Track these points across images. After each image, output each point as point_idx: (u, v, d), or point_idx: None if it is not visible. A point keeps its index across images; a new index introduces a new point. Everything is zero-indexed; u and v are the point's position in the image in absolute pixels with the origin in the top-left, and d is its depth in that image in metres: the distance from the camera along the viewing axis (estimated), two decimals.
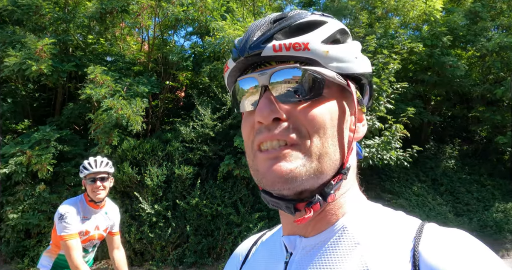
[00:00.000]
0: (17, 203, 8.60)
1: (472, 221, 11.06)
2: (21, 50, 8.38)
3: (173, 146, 9.41)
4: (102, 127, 8.48)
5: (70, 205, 2.90)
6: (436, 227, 0.61)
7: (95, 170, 2.92)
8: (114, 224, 3.18)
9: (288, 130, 0.59)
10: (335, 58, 0.63)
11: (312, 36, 0.61)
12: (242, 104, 0.66)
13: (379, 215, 0.65)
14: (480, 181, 12.49)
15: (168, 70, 11.22)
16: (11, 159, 8.40)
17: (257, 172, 0.62)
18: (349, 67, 0.65)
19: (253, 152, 0.64)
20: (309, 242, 0.65)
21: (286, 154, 0.59)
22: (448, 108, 14.08)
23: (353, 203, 0.67)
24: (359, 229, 0.62)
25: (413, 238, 0.58)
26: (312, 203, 0.60)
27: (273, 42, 0.60)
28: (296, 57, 0.61)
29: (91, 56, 10.67)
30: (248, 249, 0.81)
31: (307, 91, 0.60)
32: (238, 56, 0.63)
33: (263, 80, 0.61)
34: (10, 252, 8.70)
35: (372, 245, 0.59)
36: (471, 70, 12.60)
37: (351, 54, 0.66)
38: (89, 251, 3.08)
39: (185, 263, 8.61)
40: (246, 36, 0.63)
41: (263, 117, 0.59)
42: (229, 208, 8.99)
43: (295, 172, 0.57)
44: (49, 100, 11.44)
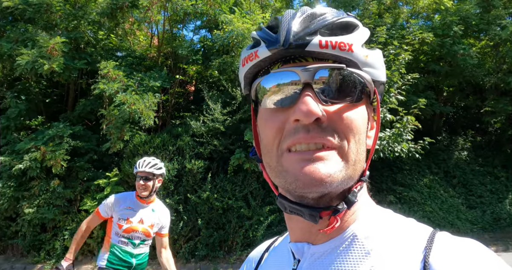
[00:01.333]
0: (33, 198, 8.78)
1: (485, 213, 10.93)
2: (33, 48, 8.48)
3: (183, 141, 9.47)
4: (114, 122, 8.57)
5: (117, 196, 3.29)
6: (448, 236, 0.59)
7: (139, 169, 3.16)
8: (163, 226, 3.37)
9: (327, 132, 0.56)
10: (371, 63, 0.62)
11: (355, 38, 0.60)
12: (269, 99, 0.61)
13: (390, 222, 0.63)
14: (493, 173, 12.31)
15: (178, 64, 11.25)
16: (26, 155, 8.56)
17: (286, 173, 0.58)
18: (378, 74, 0.65)
19: (280, 152, 0.60)
20: (317, 249, 0.63)
21: (325, 157, 0.56)
22: (461, 99, 13.86)
23: (364, 209, 0.65)
24: (369, 238, 0.60)
25: (424, 248, 0.56)
26: (339, 211, 0.58)
27: (318, 37, 0.57)
28: (338, 56, 0.58)
29: (102, 52, 10.75)
30: (260, 255, 0.80)
31: (348, 94, 0.58)
32: (276, 46, 0.58)
33: (306, 77, 0.57)
34: (27, 245, 8.90)
35: (382, 255, 0.57)
36: (484, 60, 12.36)
37: (381, 61, 0.66)
38: (136, 244, 3.19)
39: (197, 256, 8.72)
40: (284, 27, 0.59)
41: (306, 116, 0.55)
42: (240, 202, 9.04)
43: (334, 176, 0.55)
44: (61, 96, 11.59)
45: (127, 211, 3.18)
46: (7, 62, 9.53)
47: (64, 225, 8.94)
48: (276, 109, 0.61)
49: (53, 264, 8.53)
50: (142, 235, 3.19)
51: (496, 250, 9.42)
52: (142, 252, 3.24)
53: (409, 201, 10.44)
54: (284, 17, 0.61)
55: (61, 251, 8.66)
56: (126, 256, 3.14)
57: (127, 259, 3.14)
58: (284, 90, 0.59)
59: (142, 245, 3.23)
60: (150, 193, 3.20)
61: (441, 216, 10.34)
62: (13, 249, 9.15)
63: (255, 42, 0.64)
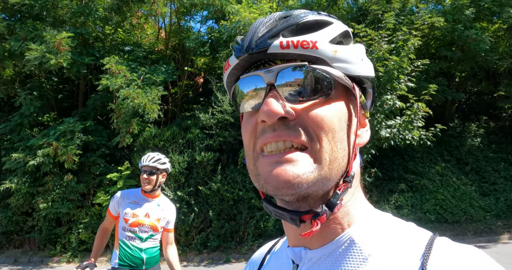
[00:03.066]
0: (47, 193, 8.94)
1: (499, 200, 10.78)
2: (41, 44, 8.56)
3: (193, 133, 9.51)
4: (122, 116, 8.64)
5: (123, 191, 3.36)
6: (447, 242, 0.57)
7: (143, 164, 3.24)
8: (169, 221, 3.37)
9: (295, 131, 0.56)
10: (342, 59, 0.60)
11: (320, 35, 0.59)
12: (243, 104, 0.62)
13: (388, 227, 0.61)
14: (507, 159, 12.10)
15: (186, 56, 11.24)
16: (38, 151, 8.70)
17: (259, 177, 0.58)
18: (355, 69, 0.62)
19: (255, 155, 0.60)
20: (314, 254, 0.62)
21: (293, 158, 0.55)
22: (473, 85, 13.60)
23: (360, 212, 0.63)
24: (367, 243, 0.59)
25: (422, 254, 0.54)
26: (319, 215, 0.57)
27: (280, 39, 0.57)
28: (303, 55, 0.58)
29: (110, 47, 10.80)
30: (262, 257, 0.80)
31: (315, 91, 0.57)
32: (241, 53, 0.59)
33: (269, 78, 0.57)
34: (43, 239, 9.11)
35: (380, 261, 0.56)
36: (498, 43, 12.06)
37: (357, 55, 0.63)
38: (143, 239, 3.22)
39: (209, 247, 8.81)
40: (250, 33, 0.60)
41: (268, 116, 0.55)
42: (251, 193, 9.08)
43: (302, 177, 0.54)
44: (72, 92, 11.72)
45: (132, 205, 3.23)
46: (17, 60, 9.64)
47: (78, 219, 9.10)
48: (250, 113, 0.62)
49: (69, 257, 8.72)
50: (149, 229, 3.22)
51: (509, 238, 9.32)
52: (151, 246, 3.27)
53: (421, 189, 10.35)
54: (254, 24, 0.62)
55: (76, 245, 8.85)
56: (135, 251, 3.16)
57: (137, 255, 3.16)
58: (252, 95, 0.60)
59: (150, 239, 3.25)
60: (154, 187, 3.24)
61: (453, 204, 10.23)
62: (30, 243, 9.38)
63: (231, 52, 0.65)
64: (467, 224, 9.95)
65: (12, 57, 9.43)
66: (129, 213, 3.18)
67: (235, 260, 8.52)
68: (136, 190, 3.36)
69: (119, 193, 3.32)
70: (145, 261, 3.20)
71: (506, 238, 9.28)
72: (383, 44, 8.02)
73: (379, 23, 9.23)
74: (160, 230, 3.29)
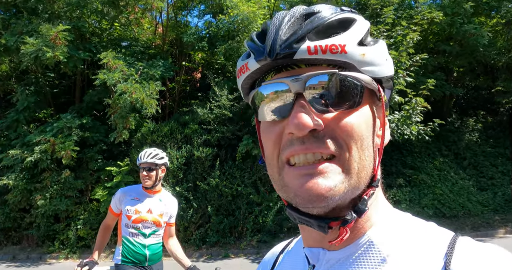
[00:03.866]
0: (45, 190, 8.90)
1: (497, 195, 10.83)
2: (37, 38, 8.47)
3: (191, 128, 9.47)
4: (119, 111, 8.59)
5: (124, 188, 3.37)
6: (470, 242, 0.55)
7: (142, 161, 3.23)
8: (172, 215, 3.39)
9: (324, 142, 0.54)
10: (370, 62, 0.58)
11: (348, 37, 0.56)
12: (263, 111, 0.59)
13: (408, 227, 0.60)
14: (505, 154, 12.14)
15: (183, 51, 11.17)
16: (36, 147, 8.64)
17: (287, 188, 0.56)
18: (381, 71, 0.60)
19: (281, 165, 0.58)
20: (333, 256, 0.60)
21: (324, 170, 0.53)
22: (471, 80, 13.62)
23: (380, 213, 0.62)
24: (386, 244, 0.57)
25: (445, 254, 0.53)
26: (348, 222, 0.56)
27: (307, 43, 0.54)
28: (331, 60, 0.55)
29: (107, 42, 10.70)
30: (275, 257, 0.78)
31: (344, 99, 0.55)
32: (264, 58, 0.56)
33: (297, 88, 0.54)
34: (41, 236, 9.09)
35: (399, 262, 0.54)
36: (496, 38, 12.05)
37: (382, 55, 0.61)
38: (146, 235, 3.22)
39: (208, 243, 8.82)
40: (272, 33, 0.56)
41: (299, 129, 0.53)
42: (249, 188, 9.07)
43: (335, 190, 0.53)
44: (69, 88, 11.63)
45: (134, 202, 3.23)
46: (13, 55, 9.55)
47: (76, 215, 9.08)
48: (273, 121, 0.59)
49: (67, 254, 8.70)
50: (152, 225, 3.22)
51: (506, 232, 9.38)
52: (154, 242, 3.27)
53: (419, 184, 10.38)
54: (273, 22, 0.58)
55: (74, 241, 8.83)
56: (138, 248, 3.16)
57: (140, 251, 3.16)
58: (278, 102, 0.57)
59: (154, 235, 3.25)
60: (155, 183, 3.25)
61: (451, 198, 10.27)
62: (28, 240, 9.35)
63: (248, 53, 0.62)
64: (465, 219, 10.00)
65: (7, 52, 9.33)
66: (131, 210, 3.18)
67: (234, 255, 8.53)
68: (137, 186, 3.36)
69: (120, 190, 3.33)
70: (148, 257, 3.20)
71: (502, 232, 9.35)
72: (382, 39, 7.99)
73: (378, 18, 9.19)
74: (163, 225, 3.30)
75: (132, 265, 3.16)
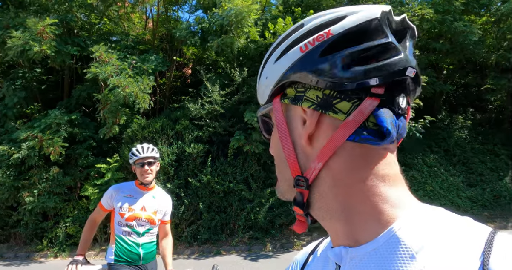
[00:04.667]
0: (32, 187, 8.74)
1: (485, 191, 10.97)
2: (23, 32, 8.28)
3: (182, 124, 9.38)
4: (109, 106, 8.45)
5: (117, 185, 3.29)
6: (510, 239, 0.51)
7: (143, 155, 3.15)
8: (166, 213, 3.33)
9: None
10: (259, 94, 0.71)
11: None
12: None
13: (439, 222, 0.55)
14: (493, 150, 12.31)
15: (174, 46, 11.05)
16: (23, 143, 8.47)
17: None
18: (263, 96, 0.68)
19: None
20: (356, 252, 0.57)
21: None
22: (461, 77, 13.73)
23: (405, 207, 0.57)
24: (414, 239, 0.53)
25: (482, 252, 0.48)
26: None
27: None
28: None
29: (96, 37, 10.53)
30: (306, 257, 0.76)
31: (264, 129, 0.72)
32: None
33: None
34: (29, 234, 8.92)
35: (431, 259, 0.50)
36: (485, 36, 12.16)
37: (262, 85, 0.68)
38: (140, 233, 3.15)
39: (199, 240, 8.76)
40: None
41: None
42: (241, 185, 9.04)
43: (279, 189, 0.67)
44: (56, 83, 11.41)
45: (128, 199, 3.14)
46: None
47: (65, 212, 8.94)
48: None
49: (56, 252, 8.57)
50: (146, 223, 3.15)
51: (495, 227, 9.50)
52: (148, 241, 3.20)
53: (410, 180, 10.46)
54: None
55: (63, 239, 8.69)
56: (131, 247, 3.09)
57: (134, 250, 3.08)
58: None
59: (148, 233, 3.17)
60: (154, 178, 3.23)
61: (441, 194, 10.38)
62: (16, 238, 9.18)
63: None
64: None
65: None
66: (124, 207, 3.11)
67: (225, 252, 8.49)
68: (130, 183, 3.27)
69: (113, 187, 3.24)
70: (142, 256, 3.14)
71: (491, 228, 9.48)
72: None
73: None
74: (157, 223, 3.23)
75: (125, 264, 3.08)
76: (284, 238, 9.01)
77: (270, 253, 8.32)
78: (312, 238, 8.96)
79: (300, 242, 8.78)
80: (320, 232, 9.13)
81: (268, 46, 9.53)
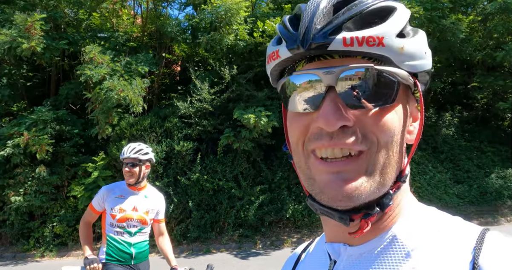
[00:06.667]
0: (18, 186, 8.59)
1: (472, 188, 11.14)
2: (10, 28, 8.11)
3: (171, 122, 9.32)
4: (100, 107, 8.35)
5: (107, 186, 3.23)
6: (500, 236, 0.53)
7: (124, 156, 3.10)
8: (159, 212, 3.28)
9: (353, 138, 0.52)
10: (408, 55, 0.54)
11: (387, 28, 0.52)
12: (294, 101, 0.56)
13: (434, 221, 0.58)
14: (480, 147, 12.50)
15: (163, 42, 10.94)
16: (8, 141, 8.31)
17: (313, 182, 0.56)
18: (419, 65, 0.57)
19: (306, 153, 0.57)
20: (354, 251, 0.59)
21: (351, 168, 0.53)
22: (448, 75, 13.89)
23: (404, 207, 0.60)
24: (411, 238, 0.56)
25: (473, 248, 0.51)
26: (370, 215, 0.54)
27: (342, 34, 0.51)
28: (366, 52, 0.52)
29: (84, 33, 10.36)
30: (298, 255, 0.77)
31: (380, 95, 0.52)
32: (297, 47, 0.53)
33: (329, 80, 0.52)
34: (15, 234, 8.77)
35: (425, 256, 0.53)
36: (472, 35, 12.32)
37: (422, 48, 0.57)
38: (132, 233, 3.10)
39: (189, 238, 8.73)
40: (306, 22, 0.53)
41: (328, 125, 0.51)
42: (231, 182, 9.02)
43: (361, 189, 0.52)
44: (43, 80, 11.22)
45: (119, 200, 3.09)
46: None
47: (52, 212, 8.81)
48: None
49: (43, 252, 8.45)
50: (138, 223, 3.11)
51: (479, 223, 9.67)
52: (140, 240, 3.16)
53: None
54: (307, 7, 0.55)
55: (50, 239, 8.57)
56: (123, 246, 3.05)
57: (126, 250, 3.05)
58: (304, 91, 0.55)
59: (139, 233, 3.13)
60: (138, 180, 3.10)
61: (429, 191, 10.51)
62: (1, 238, 9.02)
63: (278, 38, 0.60)
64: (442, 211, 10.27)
65: None
66: (116, 209, 3.06)
67: (215, 250, 8.48)
68: (121, 183, 3.22)
69: (103, 188, 3.19)
70: (134, 256, 3.10)
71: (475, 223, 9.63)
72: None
73: None
74: (149, 222, 3.20)
75: (117, 264, 3.04)
76: (274, 235, 9.03)
77: (260, 251, 8.33)
78: (302, 234, 9.00)
79: (290, 239, 8.81)
80: (309, 229, 9.17)
81: (257, 44, 9.50)
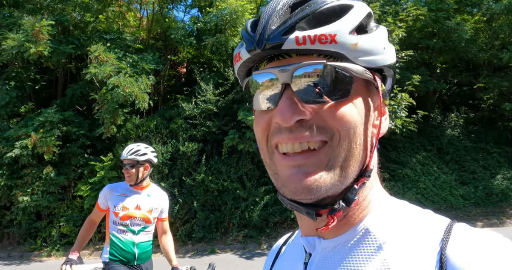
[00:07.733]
0: (26, 186, 8.70)
1: (478, 189, 11.07)
2: (18, 32, 8.22)
3: (176, 123, 9.38)
4: (106, 106, 8.43)
5: (111, 185, 3.28)
6: (466, 227, 0.55)
7: (122, 157, 3.14)
8: (162, 210, 3.29)
9: (312, 131, 0.54)
10: (363, 51, 0.55)
11: (340, 25, 0.54)
12: (257, 99, 0.59)
13: (404, 214, 0.60)
14: (486, 148, 12.42)
15: (169, 45, 11.01)
16: (16, 142, 8.42)
17: (277, 177, 0.57)
18: (377, 60, 0.58)
19: (270, 150, 0.59)
20: (328, 244, 0.61)
21: (312, 162, 0.54)
22: (454, 76, 13.84)
23: (375, 201, 0.62)
24: (382, 231, 0.58)
25: (441, 239, 0.53)
26: (336, 210, 0.56)
27: (295, 33, 0.53)
28: (321, 50, 0.54)
29: (90, 35, 10.47)
30: (278, 248, 0.80)
31: (335, 89, 0.54)
32: (253, 48, 0.56)
33: (284, 78, 0.54)
34: (23, 234, 8.88)
35: (396, 248, 0.55)
36: (477, 35, 12.26)
37: (379, 44, 0.58)
38: (135, 232, 3.12)
39: (194, 238, 8.77)
40: (262, 23, 0.55)
41: (284, 120, 0.53)
42: (235, 183, 9.05)
43: (320, 181, 0.53)
44: (50, 82, 11.35)
45: (122, 198, 3.11)
46: None
47: (59, 212, 8.90)
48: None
49: (50, 251, 8.54)
50: (142, 221, 3.12)
51: (484, 225, 9.62)
52: (144, 240, 3.15)
53: (403, 178, 10.53)
54: (265, 10, 0.57)
55: (57, 238, 8.67)
56: (126, 246, 3.05)
57: (129, 249, 3.05)
58: (265, 89, 0.57)
59: (143, 232, 3.13)
60: (136, 181, 3.09)
61: (434, 192, 10.46)
62: (9, 238, 9.13)
63: (242, 41, 0.61)
64: (447, 212, 10.20)
65: None
66: (118, 207, 3.07)
67: (220, 250, 8.51)
68: (124, 182, 3.23)
69: (107, 186, 3.22)
70: (137, 256, 3.08)
71: (480, 226, 9.58)
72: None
73: None
74: (153, 221, 3.20)
75: (120, 264, 3.05)
76: (279, 236, 9.00)
77: (265, 251, 8.35)
78: None
79: None
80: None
81: None
